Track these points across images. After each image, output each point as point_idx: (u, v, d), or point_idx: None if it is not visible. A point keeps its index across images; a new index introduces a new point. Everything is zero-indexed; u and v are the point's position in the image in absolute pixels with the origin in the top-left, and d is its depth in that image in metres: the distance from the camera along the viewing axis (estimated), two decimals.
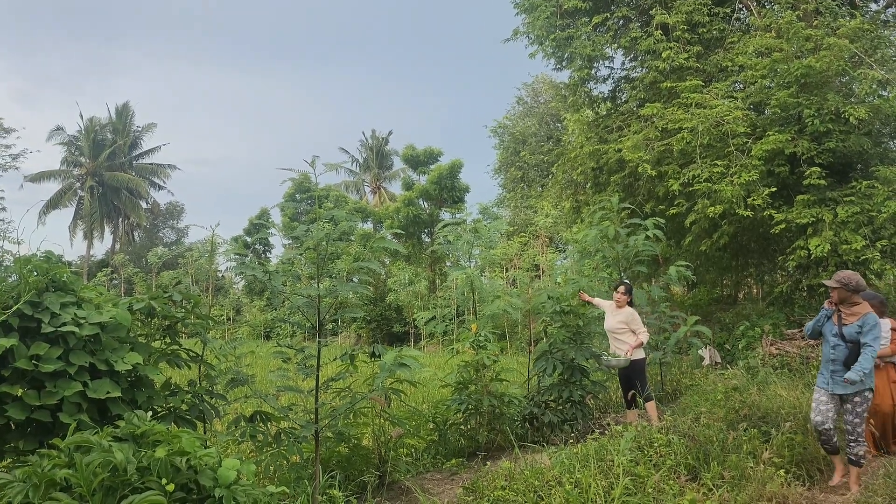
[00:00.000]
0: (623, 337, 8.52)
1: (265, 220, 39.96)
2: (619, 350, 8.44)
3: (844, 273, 6.12)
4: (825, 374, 6.23)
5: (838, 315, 6.15)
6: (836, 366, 6.07)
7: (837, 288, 6.08)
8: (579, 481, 5.21)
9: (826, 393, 6.15)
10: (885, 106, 12.28)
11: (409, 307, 26.43)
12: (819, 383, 6.31)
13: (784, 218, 12.57)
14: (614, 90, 18.45)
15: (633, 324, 8.50)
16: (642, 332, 8.54)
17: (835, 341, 6.12)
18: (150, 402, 4.53)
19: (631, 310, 8.63)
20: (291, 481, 5.60)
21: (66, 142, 52.41)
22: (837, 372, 6.04)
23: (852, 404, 6.02)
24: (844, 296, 6.07)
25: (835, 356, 6.10)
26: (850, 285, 6.02)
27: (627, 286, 8.71)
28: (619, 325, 8.54)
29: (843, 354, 6.04)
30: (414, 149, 33.08)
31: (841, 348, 6.07)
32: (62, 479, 3.11)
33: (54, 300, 4.17)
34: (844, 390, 5.98)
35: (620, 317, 8.57)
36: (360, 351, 6.22)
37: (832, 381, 6.11)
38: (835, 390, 6.07)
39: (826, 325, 6.28)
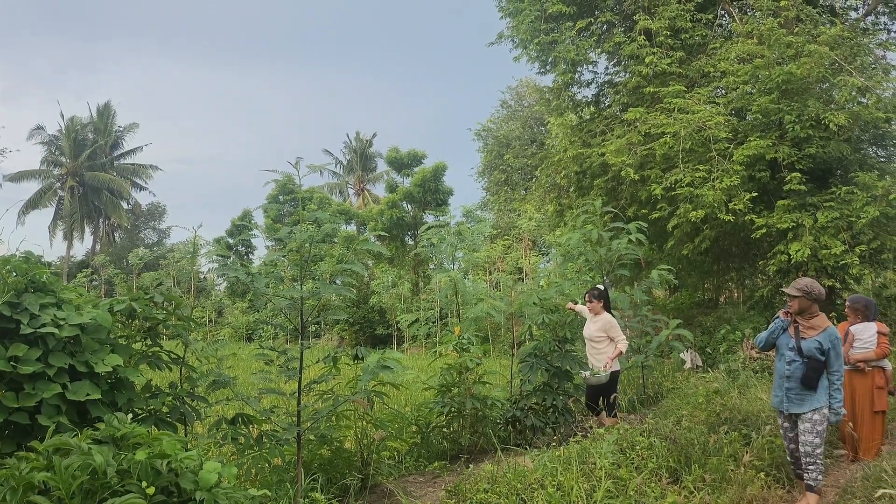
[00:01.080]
0: (601, 346, 8.14)
1: (247, 221, 39.76)
2: (597, 360, 8.11)
3: (805, 281, 5.64)
4: (778, 392, 5.76)
5: (795, 327, 5.66)
6: (792, 383, 5.60)
7: (798, 297, 5.60)
8: (562, 484, 5.22)
9: (784, 414, 5.78)
10: (865, 112, 12.45)
11: (393, 309, 26.39)
12: (774, 403, 5.88)
13: (765, 223, 12.70)
14: (598, 94, 18.55)
15: (611, 331, 8.13)
16: (621, 340, 8.14)
17: (791, 356, 5.62)
18: (130, 404, 4.49)
19: (609, 317, 8.28)
20: (273, 484, 5.57)
21: (47, 141, 51.88)
22: (793, 390, 5.60)
23: (811, 423, 5.55)
24: (805, 305, 5.60)
25: (790, 372, 5.62)
26: (812, 294, 5.57)
27: (597, 292, 8.32)
28: (597, 333, 8.17)
29: (800, 371, 5.55)
30: (398, 151, 33.06)
31: (797, 364, 5.57)
32: (41, 482, 3.07)
33: (33, 301, 4.12)
34: (800, 409, 5.58)
35: (599, 324, 8.21)
36: (342, 353, 6.21)
37: (787, 400, 5.67)
38: (790, 409, 5.66)
39: (781, 337, 5.79)
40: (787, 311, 5.68)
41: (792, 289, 5.64)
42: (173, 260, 36.42)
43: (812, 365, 5.47)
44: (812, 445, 5.51)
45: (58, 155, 52.23)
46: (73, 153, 51.34)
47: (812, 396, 5.51)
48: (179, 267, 33.87)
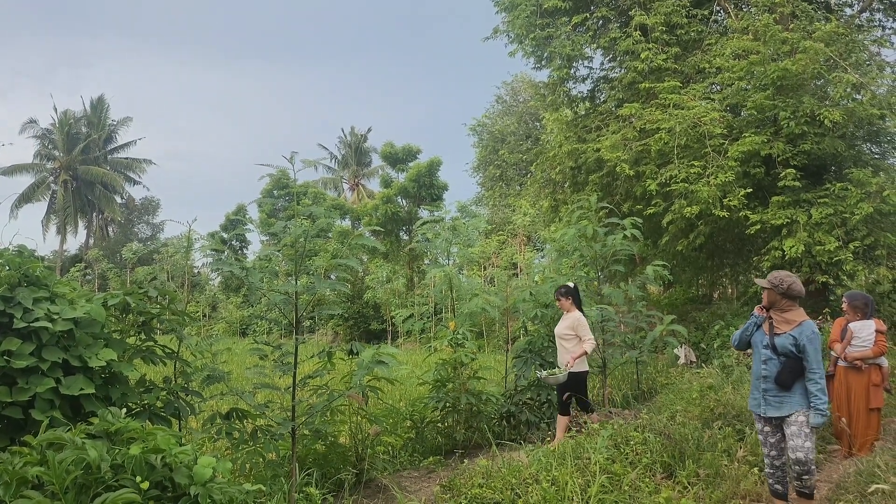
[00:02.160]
0: (569, 344, 7.83)
1: (242, 216, 39.69)
2: (563, 358, 7.78)
3: (779, 273, 5.22)
4: (755, 394, 5.27)
5: (770, 322, 5.24)
6: (768, 383, 5.13)
7: (768, 289, 5.19)
8: (556, 479, 5.23)
9: (763, 419, 5.26)
10: (859, 109, 12.47)
11: (387, 305, 26.39)
12: (752, 406, 5.38)
13: (759, 219, 12.73)
14: (593, 90, 18.55)
15: (579, 330, 7.80)
16: (588, 339, 7.79)
17: (766, 354, 5.17)
18: (124, 398, 4.47)
19: (578, 315, 7.94)
20: (268, 479, 5.55)
21: (40, 135, 51.64)
22: (770, 391, 5.12)
23: (798, 425, 5.01)
24: (774, 299, 5.17)
25: (766, 372, 5.15)
26: (780, 287, 5.11)
27: (564, 289, 8.07)
28: (566, 331, 7.88)
29: (775, 369, 5.10)
30: (393, 146, 33.01)
31: (773, 363, 5.12)
32: (34, 476, 3.06)
33: (27, 295, 4.10)
34: (779, 412, 5.08)
35: (567, 322, 7.91)
36: (337, 348, 6.20)
37: (764, 402, 5.17)
38: (767, 413, 5.15)
39: (756, 334, 5.34)
40: (763, 307, 5.29)
41: (763, 280, 5.30)
42: (167, 255, 36.33)
43: (788, 364, 5.02)
44: (804, 450, 4.96)
45: (51, 149, 52.01)
46: (67, 147, 51.13)
47: (791, 398, 5.03)
48: (173, 262, 33.79)
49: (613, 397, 9.99)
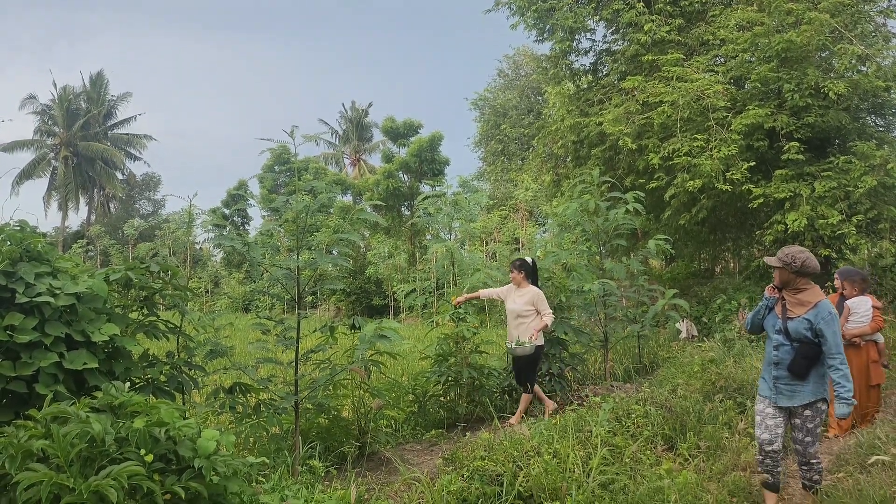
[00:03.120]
0: (528, 320, 7.68)
1: (243, 191, 39.62)
2: (524, 336, 7.61)
3: (790, 249, 4.75)
4: (767, 379, 4.87)
5: (782, 304, 4.80)
6: (781, 370, 4.71)
7: (779, 268, 4.74)
8: (558, 452, 5.26)
9: (772, 404, 4.81)
10: (864, 81, 12.36)
11: (389, 280, 26.43)
12: (761, 391, 4.95)
13: (762, 192, 12.68)
14: (596, 63, 18.38)
15: (539, 304, 7.69)
16: (548, 313, 7.68)
17: (778, 339, 4.75)
18: (127, 373, 4.49)
19: (536, 289, 7.82)
20: (271, 452, 5.60)
21: (39, 111, 51.41)
22: (782, 379, 4.71)
23: (802, 419, 4.70)
24: (788, 278, 4.71)
25: (778, 358, 4.74)
26: (794, 264, 4.64)
27: (519, 262, 7.93)
28: (525, 307, 7.69)
29: (788, 356, 4.67)
30: (394, 121, 32.82)
31: (785, 349, 4.69)
32: (39, 449, 3.07)
33: (28, 270, 4.10)
34: (790, 402, 4.69)
35: (526, 297, 7.74)
36: (339, 323, 6.21)
37: (775, 391, 4.75)
38: (779, 402, 4.74)
39: (767, 317, 4.91)
40: (774, 287, 4.84)
41: (773, 258, 4.81)
42: (169, 231, 36.36)
43: (802, 350, 4.59)
44: (804, 445, 4.70)
45: (51, 125, 51.82)
46: (67, 123, 50.93)
47: (805, 388, 4.63)
48: (175, 237, 33.81)
49: (615, 371, 10.02)
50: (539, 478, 4.85)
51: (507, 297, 8.00)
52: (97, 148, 50.57)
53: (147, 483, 3.06)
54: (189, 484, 3.25)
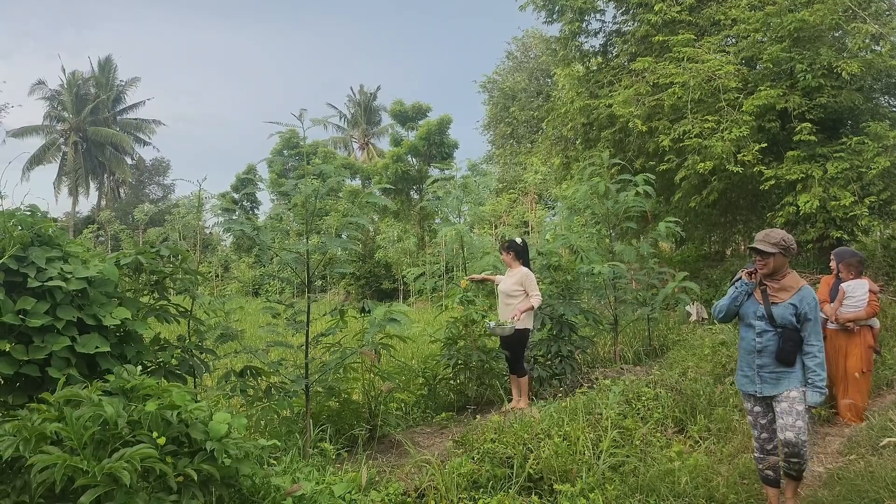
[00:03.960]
0: (516, 300, 7.60)
1: (252, 175, 39.64)
2: (508, 315, 7.52)
3: (777, 234, 4.49)
4: (747, 370, 4.59)
5: (762, 290, 4.54)
6: (766, 358, 4.47)
7: (775, 254, 4.44)
8: (568, 434, 5.27)
9: (759, 401, 4.57)
10: (878, 61, 12.20)
11: (398, 264, 26.44)
12: (742, 385, 4.68)
13: (774, 174, 12.57)
14: (605, 44, 18.21)
15: (528, 285, 7.61)
16: (535, 295, 7.60)
17: (761, 326, 4.49)
18: (139, 356, 4.51)
19: (526, 270, 7.74)
20: (283, 435, 5.64)
21: (49, 96, 51.54)
22: (766, 367, 4.47)
23: (789, 401, 4.39)
24: (781, 264, 4.48)
25: (761, 345, 4.48)
26: (790, 249, 4.47)
27: (510, 244, 7.87)
28: (514, 288, 7.64)
29: (774, 344, 4.44)
30: (402, 104, 32.74)
31: (770, 335, 4.46)
32: (53, 432, 3.10)
33: (40, 255, 4.11)
34: (776, 389, 4.44)
35: (515, 278, 7.70)
36: (349, 306, 6.23)
37: (759, 380, 4.50)
38: (764, 391, 4.49)
39: (746, 304, 4.62)
40: (751, 272, 4.56)
41: (764, 244, 4.47)
42: (178, 215, 36.45)
43: (788, 336, 4.40)
44: (794, 430, 4.35)
45: (60, 110, 51.95)
46: (76, 108, 51.05)
47: (790, 374, 4.43)
48: (184, 222, 33.92)
49: (625, 354, 10.02)
50: (549, 460, 4.86)
51: (503, 279, 8.01)
52: (106, 133, 50.71)
53: (160, 465, 3.08)
54: (201, 466, 3.27)
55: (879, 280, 13.18)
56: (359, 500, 4.11)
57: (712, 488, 4.68)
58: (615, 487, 4.62)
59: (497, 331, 7.43)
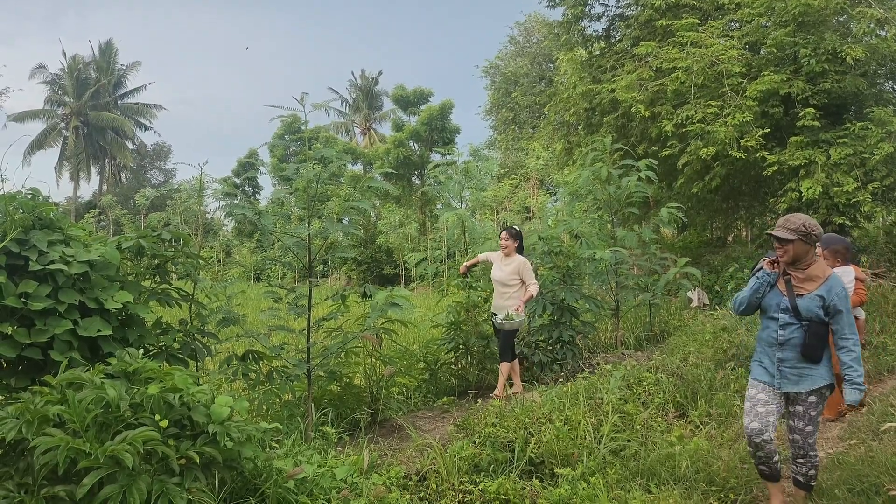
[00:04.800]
0: (513, 290, 7.47)
1: (254, 159, 39.58)
2: (508, 305, 7.39)
3: (799, 218, 4.16)
4: (767, 362, 4.28)
5: (786, 281, 4.21)
6: (788, 352, 4.15)
7: (793, 241, 4.10)
8: (569, 419, 5.28)
9: (769, 390, 4.24)
10: (883, 46, 12.13)
11: (400, 249, 26.43)
12: (757, 375, 4.35)
13: (777, 160, 12.53)
14: (608, 28, 18.11)
15: (525, 274, 7.48)
16: (534, 283, 7.51)
17: (785, 319, 4.17)
18: (141, 340, 4.52)
19: (523, 259, 7.61)
20: (284, 419, 5.65)
21: (49, 80, 51.38)
22: (788, 362, 4.15)
23: (805, 405, 4.15)
24: (803, 251, 4.13)
25: (784, 338, 4.16)
26: (812, 235, 4.10)
27: (513, 230, 7.71)
28: (511, 276, 7.49)
29: (800, 337, 4.11)
30: (404, 89, 32.59)
31: (794, 328, 4.13)
32: (55, 415, 3.11)
33: (41, 238, 4.11)
34: (797, 387, 4.15)
35: (512, 266, 7.52)
36: (351, 291, 6.23)
37: (780, 375, 4.19)
38: (783, 387, 4.19)
39: (768, 295, 4.29)
40: (774, 261, 4.25)
41: (783, 230, 4.14)
42: (180, 200, 36.45)
43: (814, 329, 4.07)
44: (804, 435, 4.15)
45: (61, 94, 51.81)
46: (76, 92, 50.90)
47: (814, 372, 4.12)
48: (186, 207, 33.92)
49: (626, 339, 10.03)
50: (550, 444, 4.88)
51: (494, 263, 7.79)
52: (107, 117, 50.57)
53: (162, 448, 3.09)
54: (203, 449, 3.29)
55: (881, 266, 13.18)
56: (360, 483, 4.12)
57: (713, 472, 4.69)
58: (616, 471, 4.63)
59: (506, 325, 7.29)
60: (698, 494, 4.43)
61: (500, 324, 7.33)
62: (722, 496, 4.49)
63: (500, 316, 7.35)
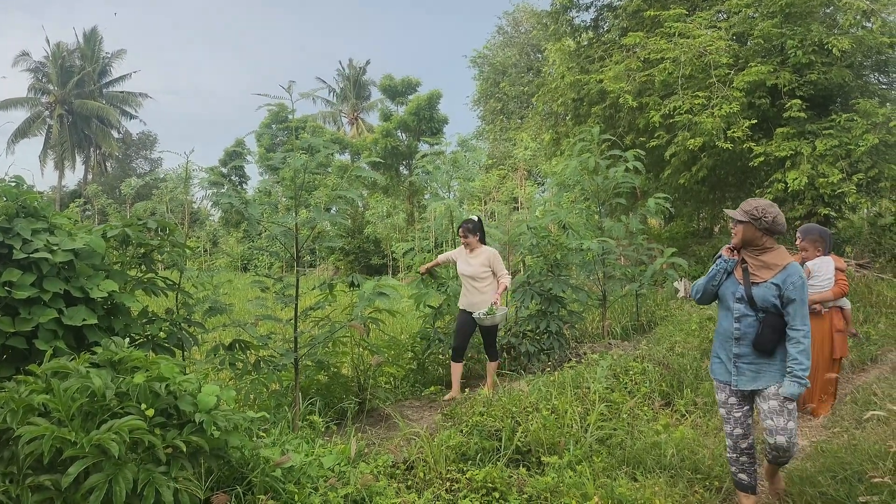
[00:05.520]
0: (484, 283, 7.06)
1: (241, 148, 39.35)
2: (482, 301, 7.01)
3: (757, 202, 3.98)
4: (724, 357, 4.10)
5: (744, 268, 4.02)
6: (743, 347, 3.97)
7: (743, 223, 3.98)
8: (556, 407, 5.30)
9: (733, 390, 4.07)
10: (869, 37, 12.20)
11: (387, 239, 26.41)
12: (718, 374, 4.16)
13: (763, 151, 12.60)
14: (597, 19, 18.12)
15: (496, 265, 7.06)
16: (505, 275, 7.08)
17: (740, 310, 3.98)
18: (127, 329, 4.49)
19: (492, 249, 7.17)
20: (272, 408, 5.64)
21: (33, 68, 50.82)
22: (744, 357, 3.97)
23: (778, 399, 3.89)
24: (752, 236, 3.96)
25: (740, 332, 3.97)
26: (763, 220, 3.91)
27: (470, 224, 7.18)
28: (482, 270, 7.04)
29: (753, 330, 3.93)
30: (392, 79, 32.50)
31: (749, 321, 3.94)
32: (40, 404, 3.09)
33: (25, 226, 4.07)
34: (754, 384, 3.95)
35: (481, 259, 7.09)
36: (338, 281, 6.21)
37: (735, 371, 4.01)
38: (740, 384, 4.00)
39: (725, 283, 4.11)
40: (733, 248, 4.10)
41: (736, 211, 4.05)
42: (166, 189, 36.20)
43: (769, 321, 3.87)
44: (786, 433, 3.88)
45: (45, 82, 51.27)
46: (61, 81, 50.38)
47: (771, 366, 3.93)
48: (172, 196, 33.71)
49: (613, 329, 10.08)
50: (537, 433, 4.90)
51: (458, 259, 7.37)
52: (92, 106, 50.10)
53: (148, 437, 3.08)
54: (190, 438, 3.27)
55: (865, 256, 13.29)
56: (348, 472, 4.12)
57: (698, 461, 4.73)
58: (602, 460, 4.66)
59: (487, 321, 6.89)
60: (684, 482, 4.46)
61: (482, 320, 6.89)
62: (707, 484, 4.53)
63: (480, 312, 6.93)
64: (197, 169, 6.85)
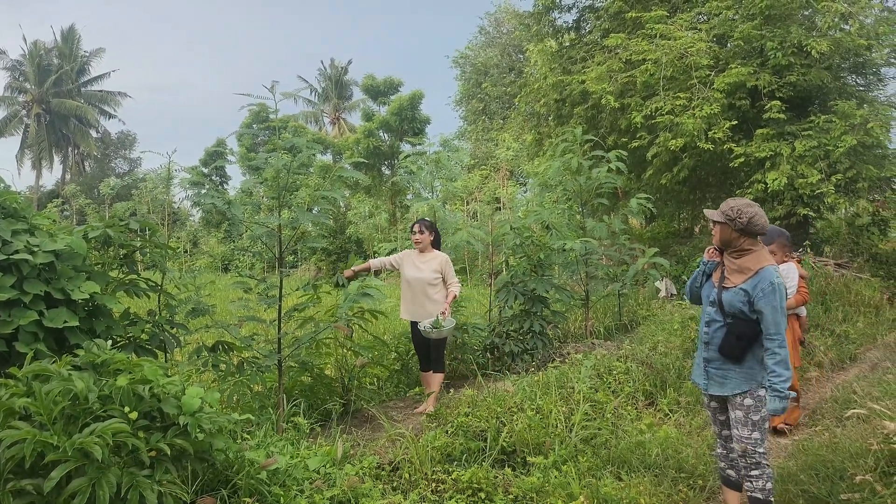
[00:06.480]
0: (435, 290, 6.63)
1: (222, 148, 39.08)
2: (434, 309, 6.55)
3: (736, 202, 3.87)
4: (698, 360, 4.09)
5: (721, 271, 3.95)
6: (711, 352, 3.91)
7: (720, 223, 3.88)
8: (541, 408, 5.32)
9: (707, 395, 4.08)
10: (847, 40, 12.35)
11: (370, 240, 26.33)
12: (693, 377, 4.20)
13: (743, 151, 12.72)
14: (579, 20, 18.19)
15: (447, 272, 6.66)
16: (455, 283, 6.68)
17: (710, 314, 3.93)
18: (109, 331, 4.45)
19: (444, 255, 6.75)
20: (256, 410, 5.61)
21: (10, 66, 50.14)
22: (713, 362, 3.91)
23: (743, 410, 3.81)
24: (729, 237, 3.85)
25: (708, 336, 3.94)
26: (739, 220, 3.79)
27: (427, 222, 6.81)
28: (433, 275, 6.61)
29: (719, 335, 3.86)
30: (374, 78, 32.43)
31: (717, 325, 3.88)
32: (21, 407, 3.05)
33: (5, 227, 4.02)
34: (721, 390, 3.88)
35: (433, 264, 6.66)
36: (322, 282, 6.18)
37: (706, 376, 3.97)
38: (710, 389, 3.96)
39: (705, 285, 4.06)
40: (712, 249, 4.02)
41: (714, 212, 3.95)
42: (146, 190, 35.87)
43: (737, 327, 3.77)
44: (749, 442, 3.78)
45: (22, 81, 50.60)
46: (38, 79, 49.75)
47: (738, 374, 3.82)
48: (153, 196, 33.42)
49: (596, 329, 10.11)
50: (522, 433, 4.91)
51: (403, 263, 6.86)
52: (70, 105, 49.51)
53: (132, 440, 3.05)
54: (174, 441, 3.24)
55: (844, 256, 13.46)
56: (333, 474, 4.11)
57: (682, 460, 4.76)
58: (587, 459, 4.68)
59: (434, 334, 6.37)
60: (668, 481, 4.49)
61: (428, 332, 6.36)
62: (691, 482, 4.56)
63: (426, 323, 6.42)
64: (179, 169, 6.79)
